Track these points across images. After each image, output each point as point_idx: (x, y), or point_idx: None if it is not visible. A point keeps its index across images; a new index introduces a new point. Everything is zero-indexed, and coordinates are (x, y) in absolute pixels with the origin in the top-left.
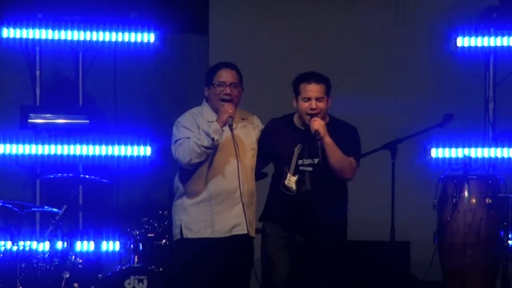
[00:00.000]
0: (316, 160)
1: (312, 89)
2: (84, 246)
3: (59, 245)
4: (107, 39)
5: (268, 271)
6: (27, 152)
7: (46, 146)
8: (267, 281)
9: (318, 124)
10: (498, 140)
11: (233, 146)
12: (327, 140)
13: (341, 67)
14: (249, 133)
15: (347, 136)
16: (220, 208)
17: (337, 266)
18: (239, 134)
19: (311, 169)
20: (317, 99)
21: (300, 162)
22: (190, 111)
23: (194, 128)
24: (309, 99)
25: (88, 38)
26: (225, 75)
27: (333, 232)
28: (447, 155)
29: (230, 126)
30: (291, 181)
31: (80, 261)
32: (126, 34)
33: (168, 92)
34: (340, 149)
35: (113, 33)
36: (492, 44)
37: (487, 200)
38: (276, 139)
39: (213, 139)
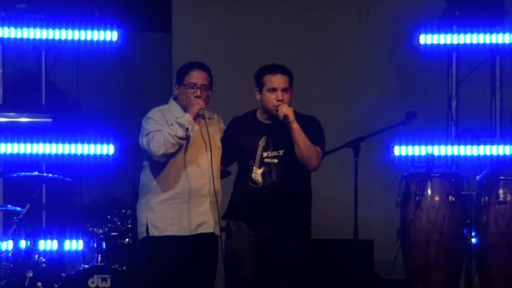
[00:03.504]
0: (281, 152)
1: (278, 80)
2: (47, 245)
3: (23, 244)
4: (69, 37)
5: (234, 270)
6: None
7: (9, 145)
8: (232, 279)
9: (286, 109)
10: (461, 138)
11: (203, 143)
12: (295, 125)
13: (304, 64)
14: (215, 132)
15: (311, 127)
16: (187, 206)
17: (302, 264)
18: (208, 132)
19: (276, 161)
20: (283, 90)
21: (265, 154)
22: (158, 108)
23: (164, 123)
24: (275, 89)
25: (50, 37)
26: (197, 77)
27: (298, 227)
28: (410, 153)
29: (203, 116)
30: (257, 173)
31: (44, 260)
32: (89, 32)
33: (131, 90)
34: None
35: (76, 31)
36: (454, 41)
37: (450, 198)
38: (240, 135)
39: (187, 129)
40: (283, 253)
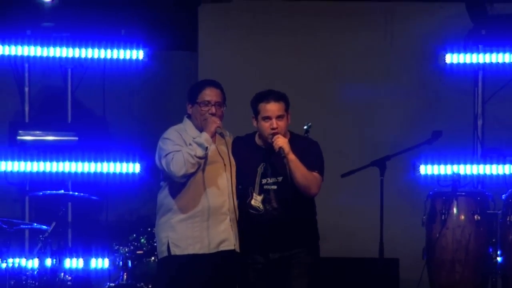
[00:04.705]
0: (280, 178)
1: (272, 108)
2: (73, 263)
3: (48, 262)
4: (95, 56)
5: None
6: (16, 169)
7: (35, 163)
8: None
9: (281, 141)
10: (486, 157)
11: (221, 160)
12: (291, 157)
13: (331, 84)
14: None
15: (309, 151)
16: (208, 224)
17: (314, 280)
18: (224, 150)
19: (275, 187)
20: (278, 117)
21: (264, 181)
22: (174, 128)
23: (182, 143)
24: (269, 118)
25: (77, 55)
26: (211, 94)
27: (306, 245)
28: (436, 172)
29: (221, 134)
30: (257, 200)
31: (69, 278)
32: (115, 51)
33: (156, 109)
34: (304, 165)
35: (102, 50)
36: (480, 60)
37: (475, 217)
38: (239, 159)
39: (206, 148)
40: (293, 270)
